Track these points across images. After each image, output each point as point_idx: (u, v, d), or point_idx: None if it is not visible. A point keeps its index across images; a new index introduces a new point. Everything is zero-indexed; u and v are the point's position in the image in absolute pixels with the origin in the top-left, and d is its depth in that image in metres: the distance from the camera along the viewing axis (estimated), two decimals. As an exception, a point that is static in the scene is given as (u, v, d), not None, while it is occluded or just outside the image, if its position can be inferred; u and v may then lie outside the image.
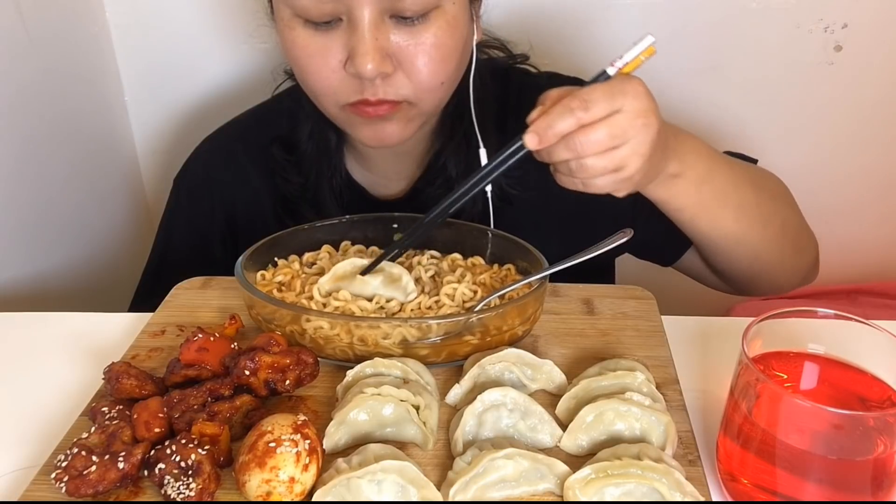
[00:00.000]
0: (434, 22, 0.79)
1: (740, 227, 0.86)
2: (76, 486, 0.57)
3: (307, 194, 0.99)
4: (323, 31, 0.79)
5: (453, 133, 0.94)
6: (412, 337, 0.70)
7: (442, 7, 0.79)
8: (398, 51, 0.79)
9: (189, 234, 1.04)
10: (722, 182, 0.83)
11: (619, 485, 0.57)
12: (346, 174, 1.00)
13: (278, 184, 0.99)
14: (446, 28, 0.80)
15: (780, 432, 0.55)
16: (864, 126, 1.31)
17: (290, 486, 0.56)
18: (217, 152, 1.04)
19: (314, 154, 0.98)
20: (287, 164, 0.99)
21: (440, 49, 0.80)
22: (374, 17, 0.77)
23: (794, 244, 0.93)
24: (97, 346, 0.79)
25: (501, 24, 1.02)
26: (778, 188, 0.94)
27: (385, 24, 0.78)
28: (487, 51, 1.00)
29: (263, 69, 1.25)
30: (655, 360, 0.73)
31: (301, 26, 0.80)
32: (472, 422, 0.63)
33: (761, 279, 0.95)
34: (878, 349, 0.58)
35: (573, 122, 0.68)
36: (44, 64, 1.14)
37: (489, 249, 0.86)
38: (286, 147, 0.99)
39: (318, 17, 0.78)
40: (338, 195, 0.99)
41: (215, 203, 1.03)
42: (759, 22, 1.24)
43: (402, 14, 0.77)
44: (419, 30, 0.79)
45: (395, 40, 0.79)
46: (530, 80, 1.02)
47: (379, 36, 0.78)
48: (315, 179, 0.98)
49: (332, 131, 0.96)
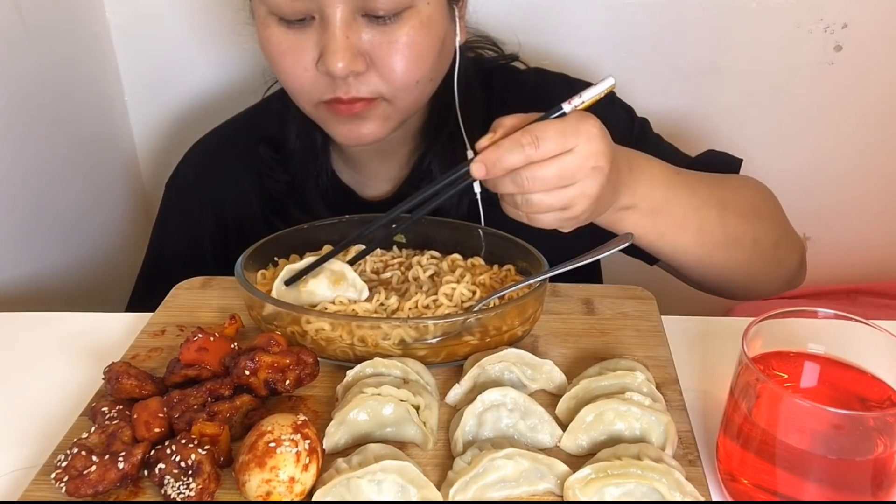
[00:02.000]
0: (407, 21, 0.79)
1: (703, 250, 0.84)
2: (76, 486, 0.57)
3: (294, 193, 0.99)
4: (296, 29, 0.80)
5: (438, 134, 0.94)
6: (410, 337, 0.70)
7: (415, 7, 0.79)
8: (371, 49, 0.79)
9: (181, 237, 1.05)
10: (680, 209, 0.81)
11: (619, 485, 0.57)
12: (333, 174, 1.00)
13: (265, 183, 1.00)
14: (419, 28, 0.80)
15: (780, 432, 0.55)
16: (863, 126, 1.31)
17: (290, 485, 0.56)
18: (206, 156, 1.05)
19: (301, 153, 0.98)
20: (274, 163, 0.99)
21: (413, 48, 0.80)
22: (345, 15, 0.77)
23: (767, 259, 0.90)
24: (97, 346, 0.79)
25: (501, 24, 1.02)
26: (753, 202, 0.90)
27: (357, 22, 0.78)
28: (478, 50, 1.00)
29: (263, 69, 1.25)
30: (655, 360, 0.73)
31: (275, 24, 0.81)
32: (472, 422, 0.63)
33: (735, 291, 0.94)
34: (878, 349, 0.58)
35: (522, 158, 0.67)
36: (43, 63, 1.14)
37: (487, 249, 0.85)
38: (273, 146, 0.99)
39: (291, 15, 0.79)
40: (324, 194, 0.99)
41: (205, 206, 1.03)
42: (759, 22, 1.24)
43: (375, 13, 0.78)
44: (392, 29, 0.79)
45: (368, 39, 0.79)
46: (517, 77, 1.01)
47: (350, 34, 0.78)
48: (301, 178, 0.98)
49: (318, 131, 0.96)
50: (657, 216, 0.80)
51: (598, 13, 1.25)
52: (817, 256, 0.97)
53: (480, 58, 1.01)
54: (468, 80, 0.92)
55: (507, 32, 1.05)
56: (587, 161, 0.68)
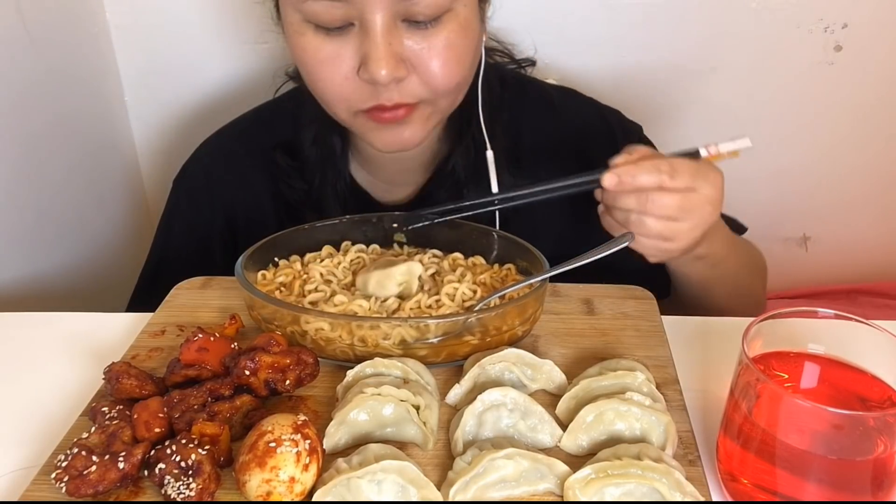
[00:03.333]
0: (447, 25, 0.78)
1: (727, 303, 0.93)
2: (76, 486, 0.57)
3: (311, 200, 0.98)
4: (334, 37, 0.78)
5: (461, 136, 0.94)
6: (410, 337, 0.70)
7: (454, 10, 0.78)
8: (412, 55, 0.78)
9: (188, 236, 1.03)
10: (733, 267, 0.91)
11: (619, 485, 0.57)
12: (351, 179, 0.99)
13: (282, 189, 0.99)
14: (459, 30, 0.79)
15: (780, 432, 0.55)
16: (863, 126, 1.31)
17: (291, 485, 0.56)
18: (217, 154, 1.03)
19: (318, 159, 0.97)
20: (290, 170, 0.98)
21: (453, 51, 0.79)
22: (386, 21, 0.75)
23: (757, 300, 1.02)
24: (97, 346, 0.79)
25: (503, 24, 1.02)
26: (761, 263, 1.02)
27: (398, 28, 0.77)
28: (492, 54, 1.00)
29: (264, 69, 1.25)
30: (655, 360, 0.73)
31: (311, 32, 0.78)
32: (472, 422, 0.63)
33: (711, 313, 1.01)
34: (878, 349, 0.58)
35: (656, 180, 0.74)
36: (44, 64, 1.14)
37: (494, 250, 0.85)
38: (289, 152, 0.98)
39: (329, 23, 0.77)
40: (342, 201, 0.98)
41: (216, 206, 1.02)
42: (759, 22, 1.24)
43: (415, 18, 0.76)
44: (432, 33, 0.78)
45: (409, 44, 0.77)
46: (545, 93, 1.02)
47: (392, 41, 0.76)
48: (319, 185, 0.97)
49: (337, 136, 0.95)
50: (716, 269, 0.88)
51: (599, 13, 1.25)
52: (817, 256, 0.97)
53: (497, 62, 1.01)
54: (490, 82, 0.92)
55: (509, 34, 1.05)
56: (707, 204, 0.76)
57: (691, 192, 0.75)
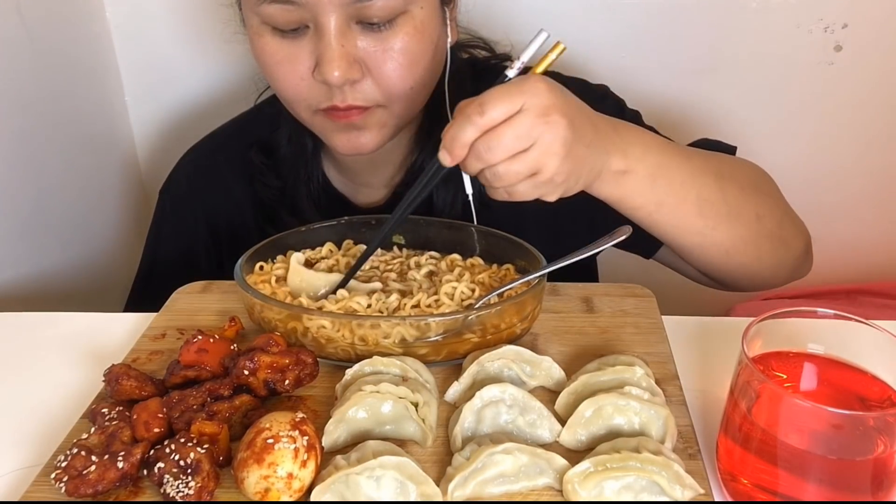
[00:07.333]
0: (401, 27, 0.79)
1: (705, 222, 0.80)
2: (76, 486, 0.57)
3: (285, 199, 0.99)
4: (290, 39, 0.80)
5: (430, 138, 0.93)
6: (411, 336, 0.70)
7: (409, 12, 0.79)
8: (366, 56, 0.79)
9: (175, 245, 1.04)
10: (679, 175, 0.78)
11: (618, 478, 0.57)
12: (324, 180, 1.00)
13: (257, 188, 1.00)
14: (414, 33, 0.80)
15: (780, 432, 0.54)
16: (863, 126, 1.31)
17: (289, 482, 0.56)
18: (199, 164, 1.05)
19: (292, 158, 0.98)
20: (265, 168, 0.99)
21: (408, 54, 0.80)
22: (340, 23, 0.77)
23: (772, 237, 0.86)
24: (97, 348, 0.79)
25: (502, 24, 1.02)
26: (752, 178, 0.88)
27: (351, 30, 0.78)
28: (471, 50, 0.99)
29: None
30: (655, 357, 0.73)
31: (269, 34, 0.81)
32: (471, 418, 0.63)
33: (739, 274, 0.89)
34: (878, 349, 0.58)
35: (473, 128, 0.65)
36: (43, 63, 1.14)
37: (486, 249, 0.85)
38: (265, 151, 0.99)
39: (285, 25, 0.79)
40: (316, 201, 0.98)
41: (199, 214, 1.03)
42: (759, 22, 1.24)
43: (369, 20, 0.78)
44: (386, 36, 0.79)
45: (363, 46, 0.79)
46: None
47: (345, 42, 0.78)
48: (293, 184, 0.98)
49: (309, 137, 0.96)
50: (656, 181, 0.76)
51: (599, 13, 1.25)
52: (817, 256, 0.97)
53: (473, 58, 1.00)
54: (461, 81, 0.91)
55: (499, 32, 1.05)
56: (539, 117, 0.65)
57: (517, 115, 0.65)
